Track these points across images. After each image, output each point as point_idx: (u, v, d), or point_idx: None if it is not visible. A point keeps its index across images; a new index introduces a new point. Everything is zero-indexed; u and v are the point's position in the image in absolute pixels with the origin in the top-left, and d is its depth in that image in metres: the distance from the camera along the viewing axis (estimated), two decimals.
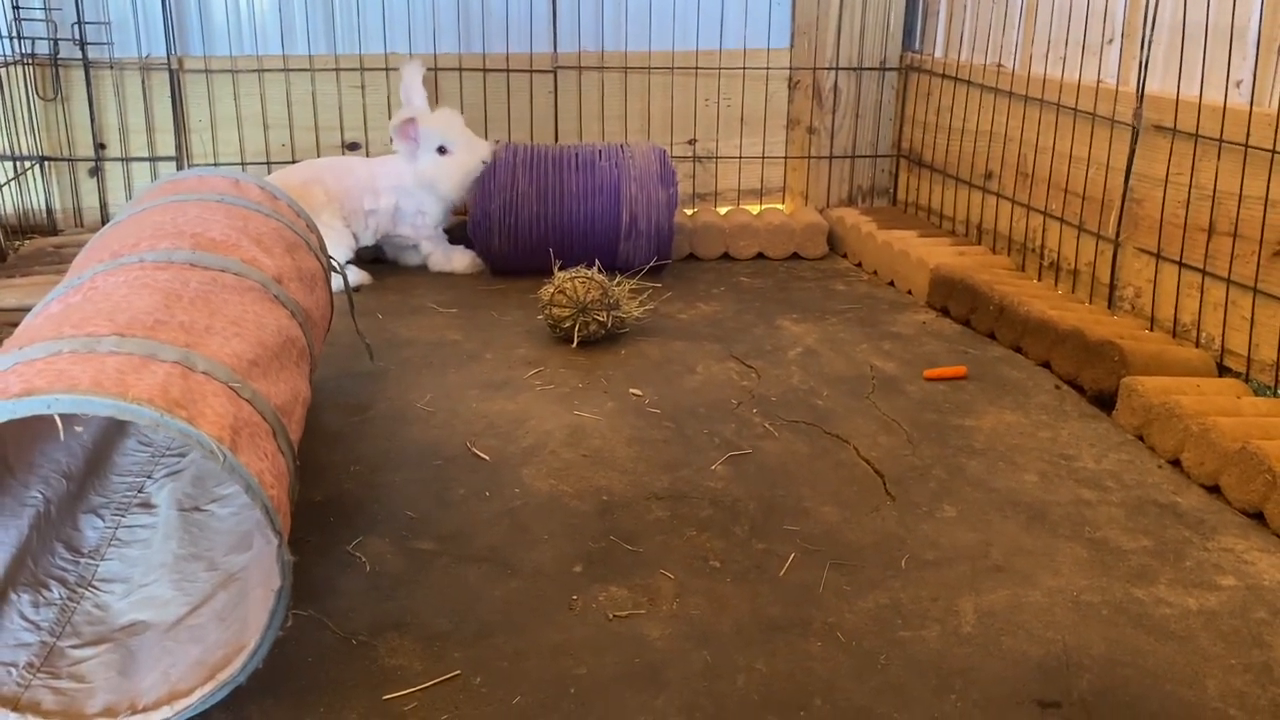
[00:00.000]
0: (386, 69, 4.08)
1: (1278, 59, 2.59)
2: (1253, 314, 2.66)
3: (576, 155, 3.66)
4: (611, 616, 1.84)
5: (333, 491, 2.25)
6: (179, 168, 4.03)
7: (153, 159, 4.01)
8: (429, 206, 3.72)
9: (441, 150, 3.62)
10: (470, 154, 3.63)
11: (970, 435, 2.56)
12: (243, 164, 4.06)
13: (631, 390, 2.78)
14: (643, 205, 3.58)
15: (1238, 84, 2.72)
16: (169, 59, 3.94)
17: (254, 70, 4.01)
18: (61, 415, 1.36)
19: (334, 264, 2.65)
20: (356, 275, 3.62)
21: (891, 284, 3.77)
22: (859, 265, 4.01)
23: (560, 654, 1.74)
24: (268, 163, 4.06)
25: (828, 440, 2.52)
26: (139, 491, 2.13)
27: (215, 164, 4.05)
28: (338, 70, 4.06)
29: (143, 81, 3.95)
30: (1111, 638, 1.80)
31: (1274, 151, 2.55)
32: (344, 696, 1.64)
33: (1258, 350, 2.66)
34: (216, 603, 1.75)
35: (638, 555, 2.03)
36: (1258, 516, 2.18)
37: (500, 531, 2.10)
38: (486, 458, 2.40)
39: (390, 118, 4.06)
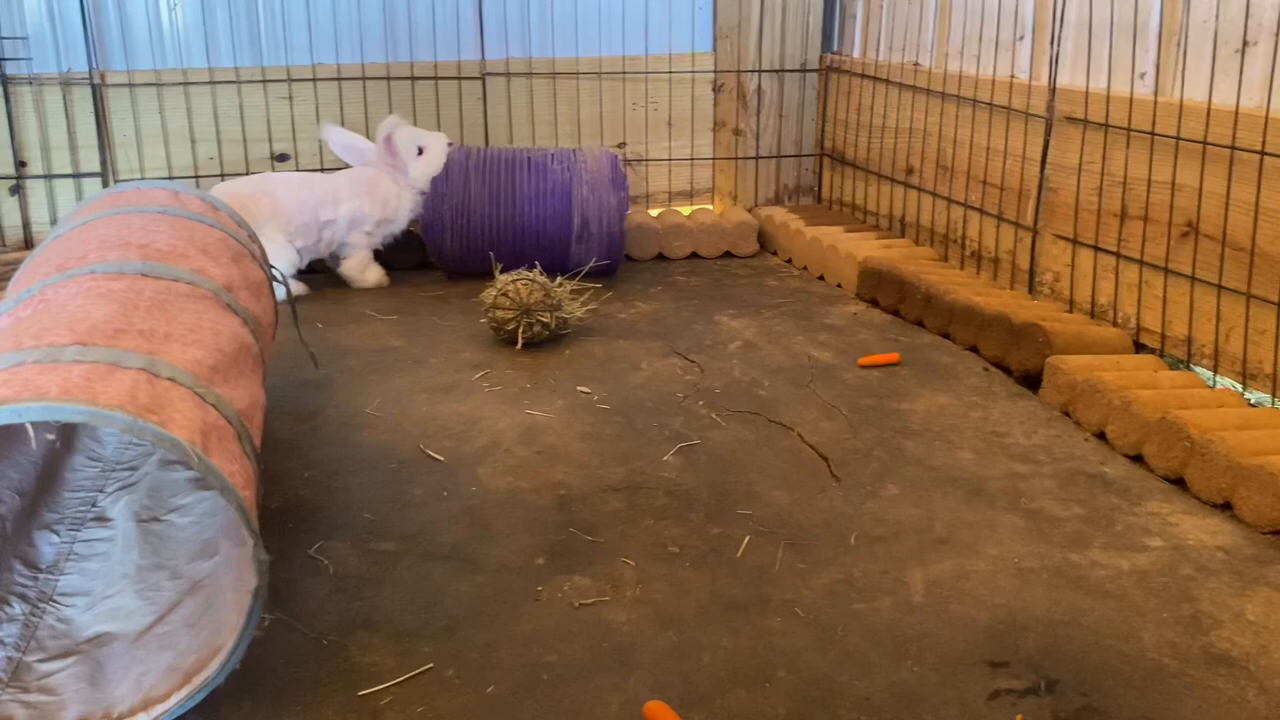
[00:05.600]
0: (314, 79, 4.07)
1: (1178, 51, 2.75)
2: (1165, 293, 2.81)
3: (529, 158, 3.70)
4: (577, 605, 1.89)
5: (289, 498, 2.26)
6: (104, 184, 3.97)
7: (76, 175, 3.94)
8: (405, 216, 3.79)
9: (420, 151, 3.75)
10: (439, 141, 3.78)
11: (907, 418, 2.66)
12: (170, 179, 4.01)
13: (579, 388, 2.83)
14: (594, 208, 3.63)
15: (1142, 75, 2.87)
16: (90, 73, 3.88)
17: (179, 84, 3.97)
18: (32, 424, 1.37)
19: (276, 274, 2.65)
20: (293, 286, 3.60)
21: (821, 278, 3.87)
22: (789, 261, 4.11)
23: (530, 643, 1.78)
24: (196, 176, 4.02)
25: (773, 428, 2.60)
26: (92, 506, 2.11)
27: (142, 179, 3.99)
28: (264, 82, 4.04)
29: (64, 97, 3.88)
30: (1052, 599, 1.90)
31: (1178, 139, 2.71)
32: (319, 694, 1.66)
33: (1170, 326, 2.81)
34: (184, 610, 1.76)
35: (598, 545, 2.08)
36: (1179, 482, 2.32)
37: (461, 529, 2.14)
38: (441, 459, 2.43)
39: (320, 128, 4.05)
